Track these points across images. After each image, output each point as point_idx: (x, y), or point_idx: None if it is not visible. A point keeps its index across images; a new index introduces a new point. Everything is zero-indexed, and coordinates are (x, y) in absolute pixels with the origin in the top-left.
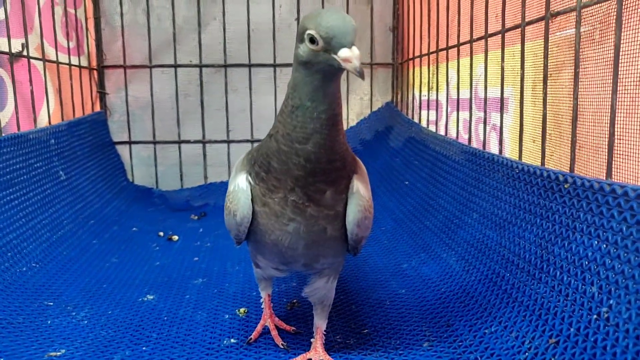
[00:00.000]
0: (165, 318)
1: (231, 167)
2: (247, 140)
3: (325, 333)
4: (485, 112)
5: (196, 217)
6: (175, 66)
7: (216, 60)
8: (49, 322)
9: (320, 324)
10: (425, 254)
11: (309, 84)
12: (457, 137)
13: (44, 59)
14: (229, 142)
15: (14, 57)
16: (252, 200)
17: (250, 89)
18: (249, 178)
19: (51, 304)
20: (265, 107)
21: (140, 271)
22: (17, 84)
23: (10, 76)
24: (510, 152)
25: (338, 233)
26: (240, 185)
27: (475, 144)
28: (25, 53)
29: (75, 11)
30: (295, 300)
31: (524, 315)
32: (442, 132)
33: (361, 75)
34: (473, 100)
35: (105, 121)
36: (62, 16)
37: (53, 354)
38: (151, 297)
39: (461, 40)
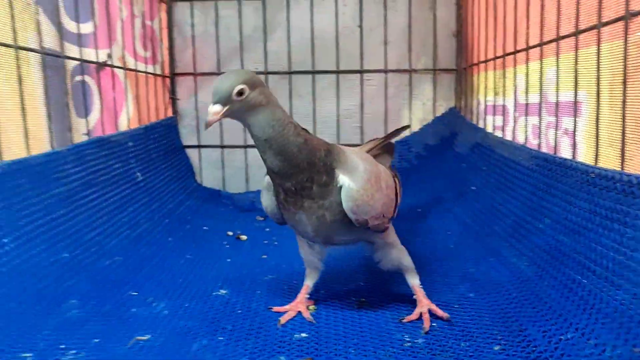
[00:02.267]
0: (239, 311)
1: None
2: None
3: (421, 286)
4: (556, 116)
5: (262, 218)
6: None
7: (281, 67)
8: (134, 310)
9: (413, 281)
10: (494, 258)
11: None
12: (526, 142)
13: (125, 68)
14: None
15: (100, 66)
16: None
17: (313, 95)
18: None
19: (135, 294)
20: (328, 113)
21: (213, 267)
22: (102, 92)
23: (97, 83)
24: (584, 157)
25: (339, 217)
26: (266, 185)
27: (546, 149)
28: (110, 62)
29: (152, 23)
30: (363, 299)
31: (603, 322)
32: (509, 137)
33: (205, 126)
34: (543, 105)
35: (177, 126)
36: (140, 28)
37: (140, 338)
38: (224, 291)
39: (531, 44)
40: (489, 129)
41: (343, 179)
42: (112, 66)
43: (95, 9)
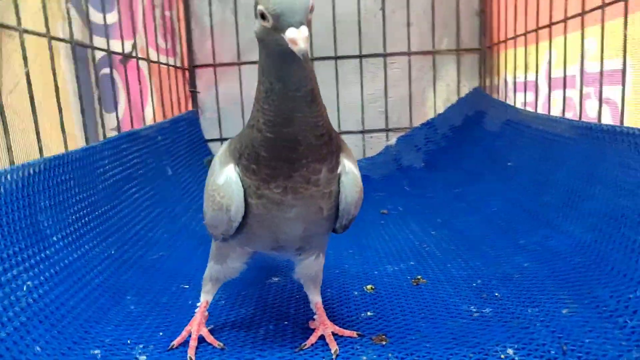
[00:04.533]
0: (298, 296)
1: None
2: None
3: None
4: (601, 85)
5: None
6: None
7: None
8: (190, 302)
9: (317, 299)
10: (548, 229)
11: (273, 65)
12: (563, 115)
13: (148, 60)
14: None
15: (126, 58)
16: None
17: (337, 81)
18: (237, 170)
19: (187, 286)
20: (351, 98)
21: (256, 258)
22: (125, 85)
23: (124, 77)
24: (628, 122)
25: (332, 212)
26: (232, 178)
27: (585, 120)
28: (134, 54)
29: (170, 13)
30: (419, 276)
31: None
32: (541, 112)
33: (305, 60)
34: (581, 76)
35: (198, 119)
36: (160, 18)
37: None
38: (276, 279)
39: (570, 14)
40: (519, 106)
41: (349, 165)
42: (137, 58)
43: None
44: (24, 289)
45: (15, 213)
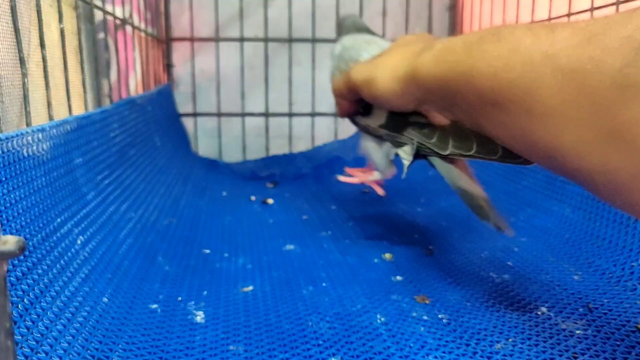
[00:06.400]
0: (322, 262)
1: (293, 140)
2: (309, 114)
3: None
4: None
5: (271, 185)
6: (242, 40)
7: (281, 35)
8: (218, 265)
9: None
10: (532, 208)
11: None
12: None
13: (138, 28)
14: (291, 115)
15: (122, 24)
16: None
17: (313, 63)
18: None
19: (208, 251)
20: (326, 81)
21: (262, 227)
22: (120, 52)
23: (115, 43)
24: None
25: None
26: None
27: None
28: (130, 21)
29: None
30: (430, 247)
31: None
32: None
33: None
34: None
35: (172, 93)
36: None
37: (245, 289)
38: (291, 246)
39: (555, 14)
40: None
41: None
42: (133, 25)
43: None
44: (78, 242)
45: (59, 169)
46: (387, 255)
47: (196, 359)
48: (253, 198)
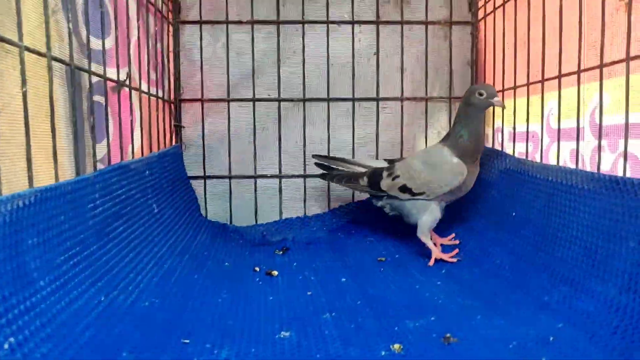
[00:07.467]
0: (319, 356)
1: (307, 202)
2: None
3: None
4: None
5: (280, 252)
6: (254, 100)
7: (295, 94)
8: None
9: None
10: (568, 286)
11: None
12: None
13: (140, 90)
14: (305, 176)
15: (119, 86)
16: None
17: (328, 122)
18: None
19: (187, 341)
20: (343, 141)
21: (259, 306)
22: (115, 114)
23: (113, 105)
24: None
25: None
26: (460, 161)
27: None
28: (128, 83)
29: (160, 44)
30: (448, 335)
31: None
32: (543, 161)
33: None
34: (587, 128)
35: (181, 154)
36: (151, 48)
37: None
38: (286, 333)
39: (565, 71)
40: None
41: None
42: (131, 87)
43: (112, 24)
44: (6, 346)
45: (1, 252)
46: (397, 347)
47: None
48: (257, 269)
